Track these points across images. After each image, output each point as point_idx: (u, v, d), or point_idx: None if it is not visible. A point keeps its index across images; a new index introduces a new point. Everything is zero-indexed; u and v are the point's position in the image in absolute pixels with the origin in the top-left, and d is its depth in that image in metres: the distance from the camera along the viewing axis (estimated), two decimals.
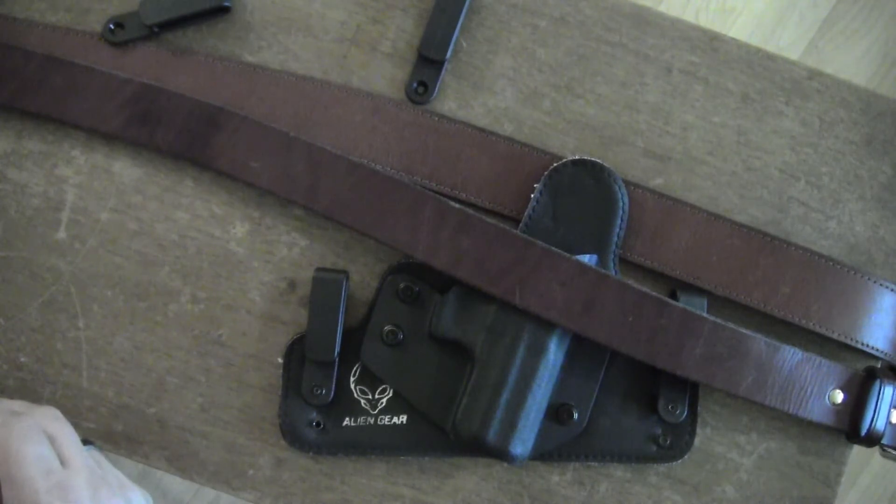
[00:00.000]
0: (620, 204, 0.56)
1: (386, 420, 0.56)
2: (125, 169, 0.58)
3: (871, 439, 0.55)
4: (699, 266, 0.56)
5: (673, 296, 0.56)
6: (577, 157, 0.56)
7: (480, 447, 0.54)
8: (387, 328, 0.56)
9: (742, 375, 0.54)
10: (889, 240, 0.59)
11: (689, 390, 0.56)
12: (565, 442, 0.56)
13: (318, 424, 0.56)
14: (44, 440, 0.45)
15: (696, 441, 0.58)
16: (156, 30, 0.58)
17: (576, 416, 0.55)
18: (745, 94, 0.59)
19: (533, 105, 0.59)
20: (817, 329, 0.56)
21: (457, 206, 0.54)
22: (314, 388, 0.55)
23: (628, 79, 0.59)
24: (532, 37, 0.59)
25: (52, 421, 0.47)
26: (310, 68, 0.59)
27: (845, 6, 1.34)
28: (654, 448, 0.57)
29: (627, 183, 0.57)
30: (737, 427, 0.58)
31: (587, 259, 0.54)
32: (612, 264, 0.56)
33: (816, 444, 0.58)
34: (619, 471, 0.58)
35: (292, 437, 0.56)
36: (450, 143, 0.57)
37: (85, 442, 0.50)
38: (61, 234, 0.58)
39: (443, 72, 0.58)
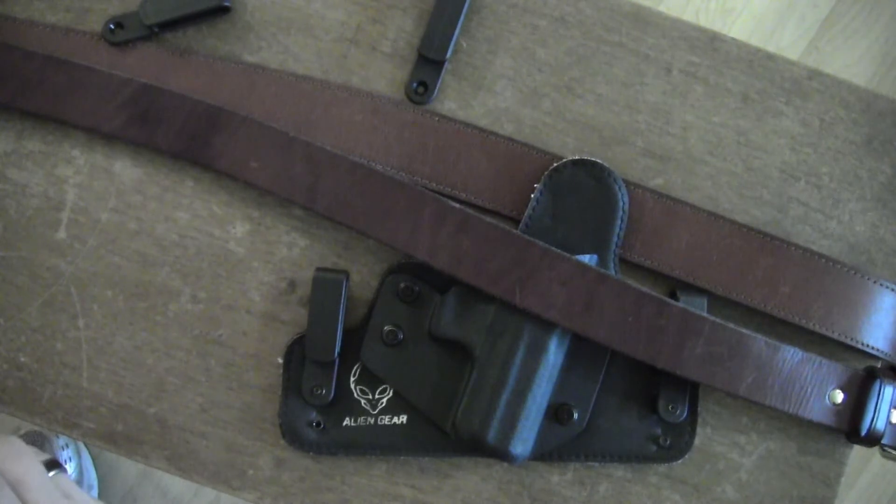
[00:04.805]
0: (620, 204, 0.56)
1: (386, 420, 0.56)
2: (125, 169, 0.58)
3: (872, 439, 0.55)
4: (699, 266, 0.56)
5: (673, 296, 0.56)
6: (577, 157, 0.56)
7: (480, 447, 0.54)
8: (387, 328, 0.56)
9: (742, 375, 0.54)
10: (889, 240, 0.59)
11: (689, 390, 0.56)
12: (565, 442, 0.56)
13: (318, 424, 0.56)
14: (6, 493, 0.43)
15: (696, 441, 0.58)
16: (156, 30, 0.58)
17: (576, 416, 0.55)
18: (745, 94, 0.59)
19: (533, 105, 0.59)
20: (817, 329, 0.56)
21: (457, 206, 0.54)
22: (314, 388, 0.55)
23: (628, 79, 0.59)
24: (532, 37, 0.59)
25: (14, 460, 0.45)
26: (310, 68, 0.59)
27: (845, 6, 1.34)
28: (654, 448, 0.57)
29: (627, 183, 0.57)
30: (737, 427, 0.58)
31: (587, 259, 0.54)
32: (612, 264, 0.56)
33: (816, 444, 0.58)
34: (619, 471, 0.58)
35: (292, 437, 0.56)
36: (450, 143, 0.57)
37: (52, 465, 0.48)
38: (61, 234, 0.58)
39: (443, 72, 0.58)
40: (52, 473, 0.49)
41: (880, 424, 0.55)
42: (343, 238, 0.58)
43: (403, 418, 0.56)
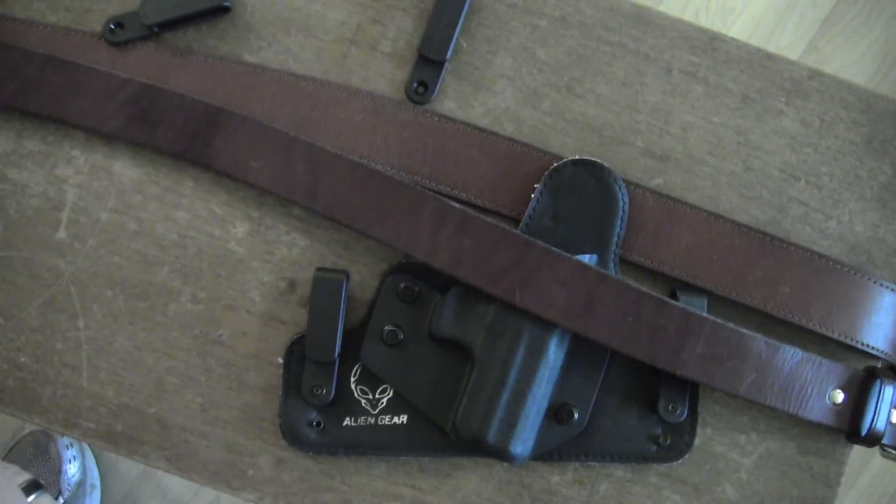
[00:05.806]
0: (620, 204, 0.56)
1: (386, 420, 0.56)
2: (125, 169, 0.58)
3: (872, 439, 0.55)
4: (699, 266, 0.56)
5: (673, 296, 0.56)
6: (577, 157, 0.56)
7: (480, 447, 0.54)
8: (387, 328, 0.56)
9: (742, 375, 0.54)
10: (889, 240, 0.59)
11: (689, 390, 0.56)
12: (565, 442, 0.56)
13: (318, 424, 0.56)
14: None
15: (696, 441, 0.58)
16: (156, 30, 0.58)
17: (576, 416, 0.55)
18: (745, 94, 0.59)
19: (533, 105, 0.59)
20: (817, 329, 0.56)
21: (457, 206, 0.54)
22: (314, 388, 0.55)
23: (628, 79, 0.59)
24: (532, 37, 0.59)
25: None
26: (310, 68, 0.59)
27: (845, 6, 1.34)
28: (654, 448, 0.57)
29: (627, 183, 0.57)
30: (737, 427, 0.58)
31: (587, 259, 0.54)
32: (612, 264, 0.56)
33: (816, 444, 0.58)
34: (619, 471, 0.58)
35: (292, 437, 0.56)
36: (450, 143, 0.57)
37: (32, 487, 0.48)
38: (61, 234, 0.58)
39: (443, 72, 0.58)
40: (31, 497, 0.48)
41: (880, 424, 0.55)
42: (343, 238, 0.58)
43: (403, 418, 0.56)
